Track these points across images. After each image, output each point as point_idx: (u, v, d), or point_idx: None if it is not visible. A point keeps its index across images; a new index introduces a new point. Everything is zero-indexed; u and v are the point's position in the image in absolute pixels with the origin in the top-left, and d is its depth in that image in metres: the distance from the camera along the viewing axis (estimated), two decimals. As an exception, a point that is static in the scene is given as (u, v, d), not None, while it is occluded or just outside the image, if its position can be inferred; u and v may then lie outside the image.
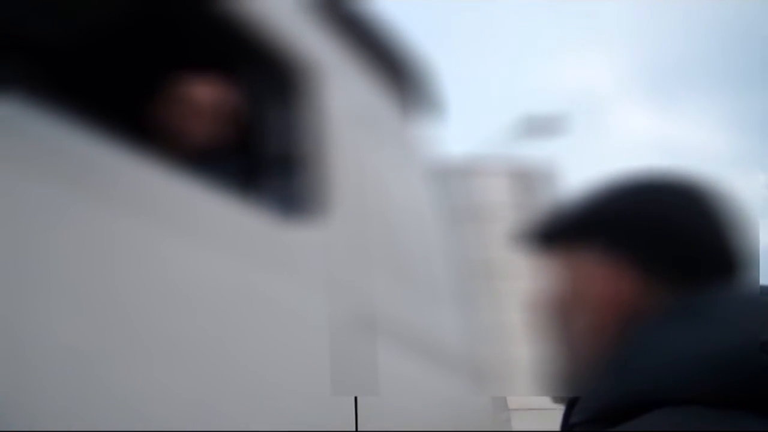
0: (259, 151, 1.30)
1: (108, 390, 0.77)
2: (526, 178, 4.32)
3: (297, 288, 1.13)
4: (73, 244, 0.78)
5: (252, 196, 1.12)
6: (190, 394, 0.88)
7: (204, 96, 1.37)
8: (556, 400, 0.71)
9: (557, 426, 0.69)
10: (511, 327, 3.69)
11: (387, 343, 1.31)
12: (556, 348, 0.70)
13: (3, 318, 0.68)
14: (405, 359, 1.36)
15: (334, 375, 1.13)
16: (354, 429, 1.15)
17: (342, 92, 1.44)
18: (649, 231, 0.65)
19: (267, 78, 1.31)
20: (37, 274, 0.73)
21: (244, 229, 1.05)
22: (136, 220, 0.87)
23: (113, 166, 0.86)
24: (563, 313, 0.69)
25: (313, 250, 1.19)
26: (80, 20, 1.23)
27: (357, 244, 1.33)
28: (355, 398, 1.17)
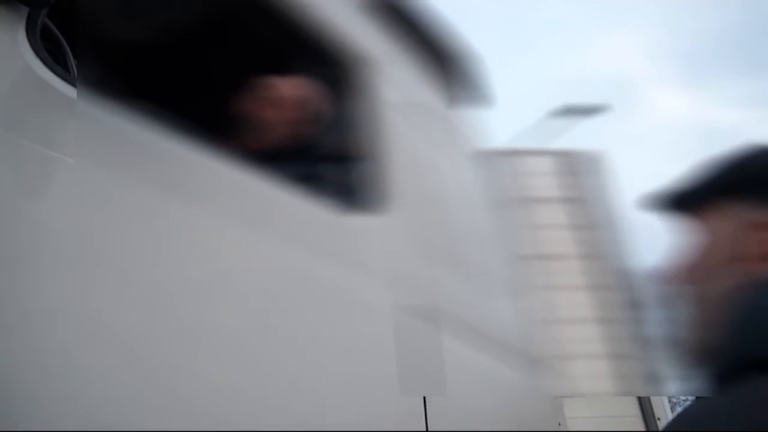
0: (320, 143, 1.34)
1: (177, 377, 0.78)
2: (571, 160, 4.28)
3: (360, 279, 1.13)
4: (144, 237, 0.79)
5: (314, 188, 1.13)
6: (255, 386, 0.87)
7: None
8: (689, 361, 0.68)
9: (605, 411, 0.69)
10: (563, 310, 3.68)
11: (449, 334, 1.30)
12: (684, 318, 0.69)
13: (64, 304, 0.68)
14: (465, 349, 1.36)
15: (402, 373, 1.11)
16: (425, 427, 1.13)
17: (396, 84, 1.47)
18: None
19: (325, 72, 1.34)
20: (121, 267, 0.75)
21: (308, 221, 1.06)
22: (206, 211, 0.89)
23: (185, 159, 0.89)
24: (701, 278, 0.67)
25: (375, 241, 1.20)
26: (160, 25, 1.29)
27: (416, 233, 1.33)
28: (424, 397, 1.15)
